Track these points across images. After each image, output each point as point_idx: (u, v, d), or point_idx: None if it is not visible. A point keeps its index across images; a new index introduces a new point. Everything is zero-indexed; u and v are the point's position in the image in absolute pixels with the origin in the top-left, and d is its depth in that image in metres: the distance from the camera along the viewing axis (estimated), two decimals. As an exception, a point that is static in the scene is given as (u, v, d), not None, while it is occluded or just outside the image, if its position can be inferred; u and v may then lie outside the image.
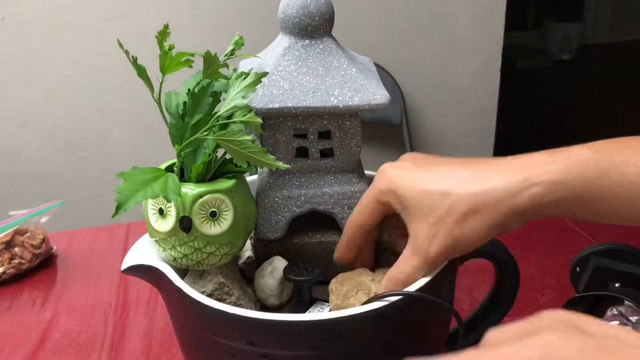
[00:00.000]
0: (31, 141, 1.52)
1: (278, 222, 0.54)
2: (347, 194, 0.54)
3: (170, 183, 0.44)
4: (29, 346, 0.72)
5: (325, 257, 0.56)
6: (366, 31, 1.62)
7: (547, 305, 0.74)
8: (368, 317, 0.42)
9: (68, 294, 0.83)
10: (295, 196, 0.54)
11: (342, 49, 0.53)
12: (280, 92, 0.49)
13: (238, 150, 0.46)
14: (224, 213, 0.47)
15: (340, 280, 0.50)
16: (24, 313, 0.79)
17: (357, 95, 0.50)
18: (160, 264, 0.48)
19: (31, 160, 1.53)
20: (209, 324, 0.45)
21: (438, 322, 0.50)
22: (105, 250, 0.94)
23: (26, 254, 0.86)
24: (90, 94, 1.51)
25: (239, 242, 0.50)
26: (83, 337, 0.74)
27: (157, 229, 0.47)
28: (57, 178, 1.56)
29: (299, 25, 0.51)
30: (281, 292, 0.53)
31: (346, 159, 0.53)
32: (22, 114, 1.49)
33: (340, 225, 0.55)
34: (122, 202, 0.42)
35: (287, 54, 0.51)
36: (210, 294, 0.49)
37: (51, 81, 1.48)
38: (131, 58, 0.46)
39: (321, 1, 0.51)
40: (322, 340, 0.42)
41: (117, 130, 1.56)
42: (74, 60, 1.48)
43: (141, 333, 0.74)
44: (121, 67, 1.48)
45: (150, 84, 0.48)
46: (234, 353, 0.44)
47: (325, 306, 0.51)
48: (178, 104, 0.48)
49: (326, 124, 0.52)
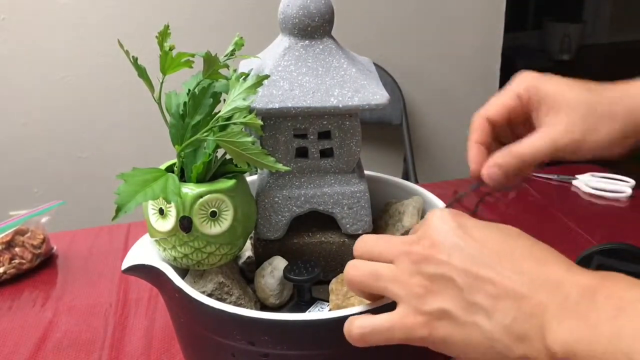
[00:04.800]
0: (31, 141, 1.52)
1: (278, 222, 0.54)
2: (347, 194, 0.54)
3: (170, 184, 0.44)
4: (29, 346, 0.72)
5: (325, 257, 0.56)
6: (366, 31, 1.62)
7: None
8: (368, 317, 0.42)
9: (68, 294, 0.83)
10: (295, 196, 0.54)
11: (342, 49, 0.53)
12: (280, 92, 0.50)
13: (238, 151, 0.46)
14: (224, 213, 0.48)
15: (340, 280, 0.50)
16: (24, 313, 0.79)
17: (356, 95, 0.50)
18: (160, 263, 0.48)
19: (31, 160, 1.53)
20: (209, 324, 0.45)
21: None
22: (106, 250, 0.94)
23: (26, 254, 0.86)
24: (90, 94, 1.51)
25: (239, 242, 0.51)
26: (83, 337, 0.74)
27: (158, 228, 0.47)
28: (57, 178, 1.56)
29: (298, 26, 0.51)
30: (281, 292, 0.53)
31: (346, 159, 0.54)
32: (22, 114, 1.49)
33: (340, 225, 0.55)
34: (122, 205, 0.42)
35: (287, 54, 0.51)
36: (211, 294, 0.49)
37: (51, 81, 1.48)
38: (132, 58, 0.47)
39: (321, 2, 0.51)
40: (322, 340, 0.42)
41: (117, 130, 1.56)
42: (74, 60, 1.48)
43: (141, 333, 0.74)
44: (121, 67, 1.48)
45: (150, 84, 0.48)
46: (234, 353, 0.44)
47: (325, 306, 0.51)
48: (178, 104, 0.48)
49: (326, 124, 0.52)
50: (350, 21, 1.60)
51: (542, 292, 0.33)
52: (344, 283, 0.42)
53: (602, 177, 1.07)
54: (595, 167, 1.12)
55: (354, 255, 0.41)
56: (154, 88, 0.48)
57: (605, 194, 1.04)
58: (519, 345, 0.32)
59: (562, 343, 0.31)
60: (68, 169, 1.57)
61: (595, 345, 0.30)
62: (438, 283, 0.35)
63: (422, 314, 0.35)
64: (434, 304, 0.35)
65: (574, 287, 0.32)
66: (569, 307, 0.32)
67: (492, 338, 0.33)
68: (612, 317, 0.30)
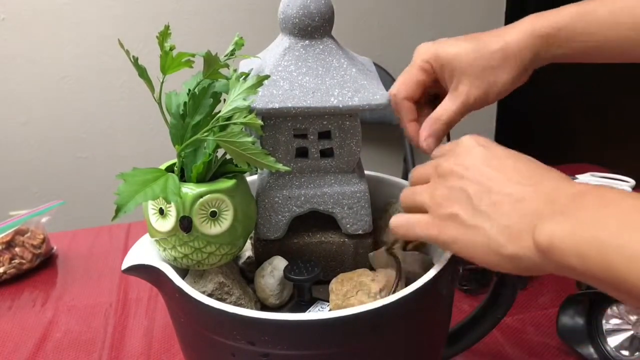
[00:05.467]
0: (31, 141, 1.52)
1: (278, 222, 0.54)
2: (347, 194, 0.54)
3: (170, 184, 0.44)
4: (29, 346, 0.72)
5: (325, 257, 0.56)
6: (366, 31, 1.62)
7: (547, 305, 0.74)
8: (368, 316, 0.42)
9: (68, 294, 0.83)
10: (295, 196, 0.54)
11: (342, 49, 0.53)
12: (280, 92, 0.50)
13: (238, 151, 0.46)
14: (224, 213, 0.48)
15: (340, 280, 0.50)
16: (24, 313, 0.79)
17: (357, 95, 0.50)
18: (160, 263, 0.48)
19: (31, 160, 1.53)
20: (209, 324, 0.45)
21: (437, 321, 0.51)
22: (106, 250, 0.94)
23: (27, 254, 0.86)
24: (90, 94, 1.51)
25: (239, 242, 0.51)
26: (83, 337, 0.74)
27: (158, 228, 0.47)
28: (57, 178, 1.56)
29: (299, 26, 0.51)
30: (281, 292, 0.53)
31: (346, 159, 0.54)
32: (22, 114, 1.49)
33: (340, 225, 0.55)
34: (121, 205, 0.42)
35: (287, 54, 0.51)
36: (211, 294, 0.49)
37: (51, 81, 1.48)
38: (132, 58, 0.47)
39: (321, 2, 0.51)
40: (322, 340, 0.42)
41: (118, 130, 1.56)
42: (74, 60, 1.47)
43: (141, 333, 0.74)
44: (122, 67, 1.48)
45: (151, 84, 0.48)
46: (235, 353, 0.44)
47: (325, 306, 0.51)
48: (179, 104, 0.48)
49: (326, 124, 0.52)
50: (350, 21, 1.60)
51: (538, 199, 0.37)
52: (402, 205, 0.47)
53: (602, 177, 1.07)
54: (595, 167, 1.12)
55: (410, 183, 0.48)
56: (154, 88, 0.48)
57: (605, 194, 1.04)
58: (512, 243, 0.37)
59: (548, 235, 0.35)
60: (68, 169, 1.57)
61: (576, 236, 0.33)
62: (455, 193, 0.41)
63: (438, 216, 0.42)
64: (448, 209, 0.41)
65: (568, 194, 0.36)
66: (559, 208, 0.36)
67: (490, 237, 0.38)
68: (594, 210, 0.34)
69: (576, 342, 0.65)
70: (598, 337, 0.64)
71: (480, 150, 0.42)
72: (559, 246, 0.34)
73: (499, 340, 0.69)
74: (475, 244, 0.39)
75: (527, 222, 0.36)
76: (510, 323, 0.72)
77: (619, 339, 0.64)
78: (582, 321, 0.65)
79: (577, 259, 0.33)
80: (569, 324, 0.66)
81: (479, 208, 0.39)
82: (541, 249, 0.35)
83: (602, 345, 0.64)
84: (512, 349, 0.68)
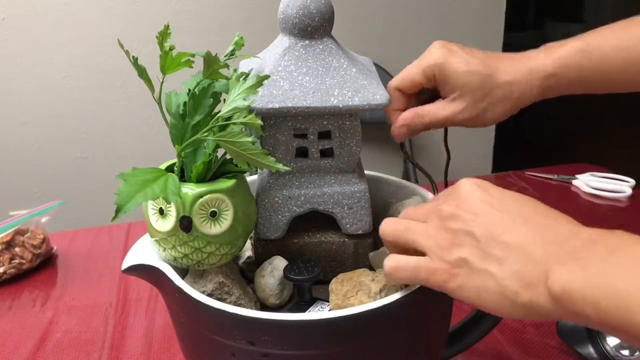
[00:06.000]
0: (31, 141, 1.52)
1: (278, 222, 0.54)
2: (347, 194, 0.54)
3: (170, 184, 0.44)
4: (29, 346, 0.72)
5: (325, 257, 0.56)
6: (366, 31, 1.62)
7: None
8: (368, 316, 0.42)
9: (68, 294, 0.83)
10: (295, 196, 0.54)
11: (342, 49, 0.53)
12: (280, 92, 0.50)
13: (238, 151, 0.46)
14: (224, 213, 0.48)
15: (340, 280, 0.50)
16: (24, 313, 0.79)
17: (357, 95, 0.50)
18: (160, 263, 0.48)
19: (31, 160, 1.53)
20: (209, 324, 0.45)
21: (438, 321, 0.51)
22: (106, 250, 0.94)
23: (26, 254, 0.86)
24: (90, 94, 1.51)
25: (239, 242, 0.51)
26: (83, 337, 0.74)
27: (158, 228, 0.47)
28: (57, 178, 1.56)
29: (298, 26, 0.51)
30: (281, 292, 0.53)
31: (346, 159, 0.54)
32: (22, 114, 1.49)
33: (340, 225, 0.55)
34: (121, 205, 0.41)
35: (287, 54, 0.51)
36: (211, 294, 0.49)
37: (51, 81, 1.48)
38: (132, 58, 0.47)
39: (321, 2, 0.51)
40: (322, 340, 0.42)
41: (117, 130, 1.56)
42: (74, 60, 1.48)
43: (141, 333, 0.74)
44: (121, 67, 1.48)
45: (150, 84, 0.48)
46: (234, 353, 0.44)
47: (325, 306, 0.51)
48: (178, 104, 0.48)
49: (326, 124, 0.52)
50: (350, 21, 1.60)
51: (549, 245, 0.36)
52: (382, 237, 0.45)
53: (602, 177, 1.07)
54: (595, 167, 1.12)
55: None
56: (154, 88, 0.48)
57: (605, 194, 1.04)
58: (525, 291, 0.36)
59: (561, 283, 0.34)
60: (68, 169, 1.57)
61: (588, 282, 0.33)
62: (461, 237, 0.39)
63: (444, 262, 0.40)
64: (456, 254, 0.39)
65: (578, 240, 0.36)
66: (571, 255, 0.35)
67: (503, 284, 0.37)
68: (605, 258, 0.33)
69: (576, 341, 0.65)
70: (598, 336, 0.64)
71: (481, 194, 0.41)
72: (573, 295, 0.33)
73: (499, 340, 0.69)
74: (487, 290, 0.38)
75: (540, 270, 0.36)
76: (510, 323, 0.72)
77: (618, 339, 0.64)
78: (582, 321, 0.65)
79: (591, 308, 0.32)
80: (568, 323, 0.66)
81: (488, 252, 0.38)
82: (555, 297, 0.34)
83: (601, 344, 0.64)
84: (512, 349, 0.68)
